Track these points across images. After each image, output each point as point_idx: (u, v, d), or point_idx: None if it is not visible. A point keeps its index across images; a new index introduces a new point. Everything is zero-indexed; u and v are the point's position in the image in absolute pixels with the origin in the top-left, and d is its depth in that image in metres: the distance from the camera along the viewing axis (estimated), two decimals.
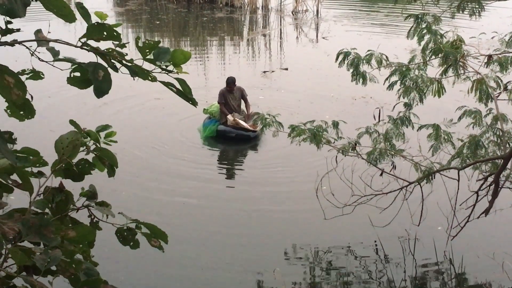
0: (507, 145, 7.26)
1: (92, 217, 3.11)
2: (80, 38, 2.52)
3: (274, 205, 9.76)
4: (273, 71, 17.39)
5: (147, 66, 2.62)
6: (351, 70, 7.60)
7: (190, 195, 9.98)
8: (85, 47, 2.51)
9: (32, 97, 2.60)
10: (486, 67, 7.48)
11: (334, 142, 7.82)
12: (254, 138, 12.41)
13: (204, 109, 12.89)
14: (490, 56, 7.41)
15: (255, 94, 14.74)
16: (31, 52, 2.54)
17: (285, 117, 10.49)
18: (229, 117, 12.48)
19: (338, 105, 14.35)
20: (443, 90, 7.40)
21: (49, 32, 2.64)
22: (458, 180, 7.52)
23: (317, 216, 8.79)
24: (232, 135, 12.34)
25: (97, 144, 3.04)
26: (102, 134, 3.09)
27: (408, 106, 7.66)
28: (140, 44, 2.57)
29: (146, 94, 14.26)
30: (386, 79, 7.61)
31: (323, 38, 21.85)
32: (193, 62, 17.80)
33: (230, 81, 12.83)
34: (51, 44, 2.56)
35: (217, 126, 12.46)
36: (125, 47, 2.58)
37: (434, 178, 7.80)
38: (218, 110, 12.79)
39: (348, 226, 8.90)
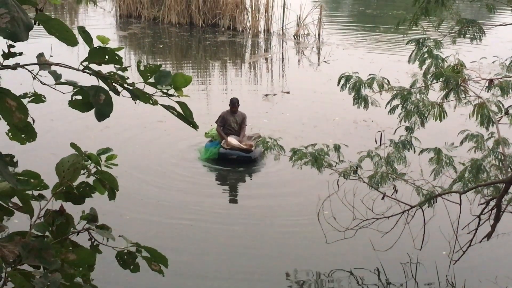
0: (509, 169, 7.25)
1: (93, 240, 3.10)
2: (82, 62, 2.53)
3: (275, 229, 9.73)
4: (274, 95, 17.43)
5: (149, 89, 2.63)
6: (353, 94, 7.62)
7: (192, 218, 9.95)
8: (87, 71, 2.53)
9: (33, 120, 2.61)
10: (487, 91, 7.50)
11: (335, 166, 7.81)
12: (255, 160, 12.40)
13: (206, 133, 12.94)
14: (491, 81, 7.43)
15: (258, 117, 14.77)
16: (33, 76, 2.56)
17: (289, 141, 10.49)
18: (222, 143, 12.51)
19: (340, 129, 14.37)
20: (445, 114, 7.41)
21: (51, 56, 2.65)
22: (460, 204, 7.50)
23: (318, 240, 8.76)
24: (233, 157, 12.35)
25: (98, 167, 3.05)
26: (103, 157, 3.09)
27: (409, 130, 7.67)
28: (141, 68, 2.59)
29: (148, 117, 14.29)
30: (388, 103, 7.62)
31: (325, 61, 21.92)
32: (195, 85, 17.86)
33: (235, 101, 12.87)
34: (53, 67, 2.57)
35: (219, 148, 12.48)
36: (127, 70, 2.60)
37: (436, 202, 7.78)
38: None
39: (350, 250, 8.86)
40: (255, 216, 10.20)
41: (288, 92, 17.68)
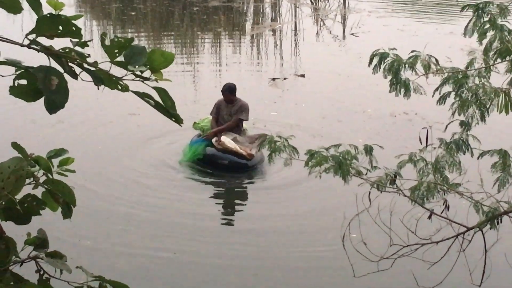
0: None
1: (41, 272, 3.10)
2: (27, 34, 2.54)
3: (286, 258, 9.73)
4: (285, 78, 17.45)
5: (117, 71, 2.63)
6: (390, 78, 7.62)
7: (173, 244, 9.94)
8: (34, 46, 2.53)
9: None
10: None
11: (366, 174, 7.81)
12: (254, 167, 12.34)
13: (195, 122, 12.82)
14: None
15: (263, 109, 14.76)
16: None
17: (304, 140, 10.50)
18: (214, 140, 12.35)
19: (373, 124, 14.36)
20: None
21: None
22: None
23: (344, 272, 8.76)
24: (224, 162, 12.23)
25: (49, 175, 3.05)
26: (56, 161, 3.10)
27: (465, 125, 7.67)
28: (107, 42, 2.59)
29: (116, 108, 14.31)
30: (436, 89, 7.62)
31: (352, 34, 21.96)
32: (179, 66, 17.88)
33: (225, 89, 12.66)
34: None
35: (205, 146, 12.38)
36: (87, 46, 2.60)
37: (501, 222, 7.78)
38: None
39: (386, 285, 8.86)
40: (258, 243, 10.18)
41: (303, 75, 17.70)
